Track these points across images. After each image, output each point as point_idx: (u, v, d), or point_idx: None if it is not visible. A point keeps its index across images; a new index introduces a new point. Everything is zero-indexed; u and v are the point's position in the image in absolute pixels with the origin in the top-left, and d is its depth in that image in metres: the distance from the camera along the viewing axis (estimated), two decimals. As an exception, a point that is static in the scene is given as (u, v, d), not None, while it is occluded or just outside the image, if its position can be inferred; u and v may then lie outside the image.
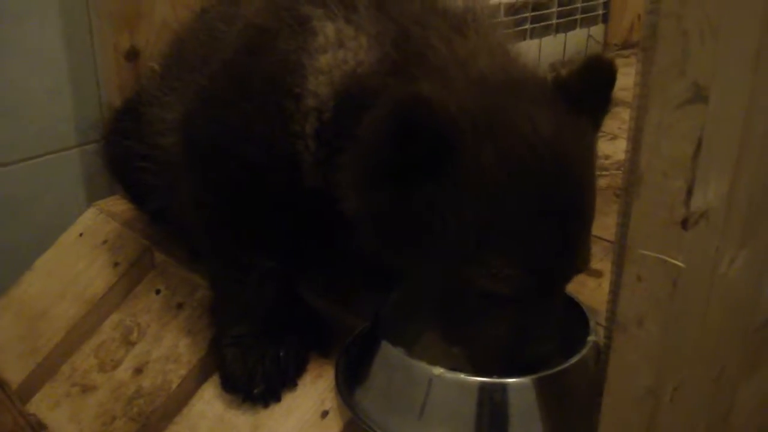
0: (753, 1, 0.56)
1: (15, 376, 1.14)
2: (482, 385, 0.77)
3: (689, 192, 0.59)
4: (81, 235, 1.30)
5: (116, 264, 1.20)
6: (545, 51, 2.09)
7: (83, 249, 1.27)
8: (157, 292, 1.13)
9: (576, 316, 0.86)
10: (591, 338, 0.82)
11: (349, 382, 0.86)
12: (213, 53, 0.94)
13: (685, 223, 0.59)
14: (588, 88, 0.78)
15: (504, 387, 0.77)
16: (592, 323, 0.84)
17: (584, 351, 0.80)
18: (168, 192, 1.00)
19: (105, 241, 1.26)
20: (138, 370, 1.04)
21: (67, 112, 1.38)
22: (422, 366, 0.79)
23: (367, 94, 0.78)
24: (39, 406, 1.10)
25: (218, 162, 0.89)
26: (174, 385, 0.99)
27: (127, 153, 1.09)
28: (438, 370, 0.78)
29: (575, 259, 0.78)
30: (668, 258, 0.61)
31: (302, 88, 0.82)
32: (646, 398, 0.66)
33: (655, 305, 0.63)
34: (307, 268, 0.98)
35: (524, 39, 1.99)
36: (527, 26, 2.00)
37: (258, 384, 0.90)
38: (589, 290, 1.02)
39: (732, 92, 0.58)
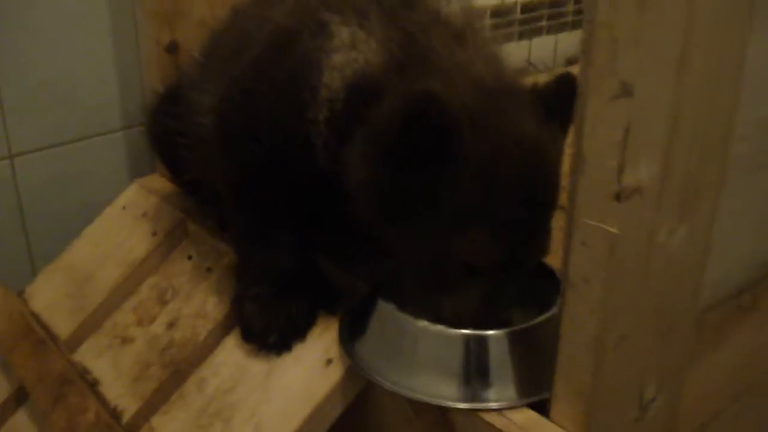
0: (675, 13, 0.64)
1: (64, 330, 1.21)
2: (466, 336, 0.86)
3: (620, 170, 0.67)
4: (124, 207, 1.37)
5: (154, 233, 1.26)
6: (535, 53, 2.09)
7: (126, 220, 1.34)
8: (189, 257, 1.20)
9: (551, 281, 0.95)
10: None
11: (350, 334, 0.95)
12: (244, 49, 1.01)
13: (618, 197, 0.68)
14: (559, 100, 0.87)
15: (485, 338, 0.86)
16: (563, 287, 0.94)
17: (554, 309, 0.88)
18: (201, 166, 1.08)
19: (145, 213, 1.32)
20: (171, 325, 1.11)
21: (113, 99, 1.45)
22: (409, 319, 0.88)
23: (374, 88, 0.86)
24: (84, 355, 1.17)
25: (245, 143, 0.97)
26: (201, 338, 1.06)
27: (167, 130, 1.15)
28: (422, 323, 0.87)
29: (541, 243, 0.88)
30: (606, 226, 0.69)
31: (318, 81, 0.90)
32: (593, 346, 0.74)
33: (597, 266, 0.71)
34: (320, 241, 1.06)
35: (513, 41, 1.99)
36: (516, 28, 2.01)
37: (272, 334, 0.98)
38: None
39: (656, 89, 0.66)
